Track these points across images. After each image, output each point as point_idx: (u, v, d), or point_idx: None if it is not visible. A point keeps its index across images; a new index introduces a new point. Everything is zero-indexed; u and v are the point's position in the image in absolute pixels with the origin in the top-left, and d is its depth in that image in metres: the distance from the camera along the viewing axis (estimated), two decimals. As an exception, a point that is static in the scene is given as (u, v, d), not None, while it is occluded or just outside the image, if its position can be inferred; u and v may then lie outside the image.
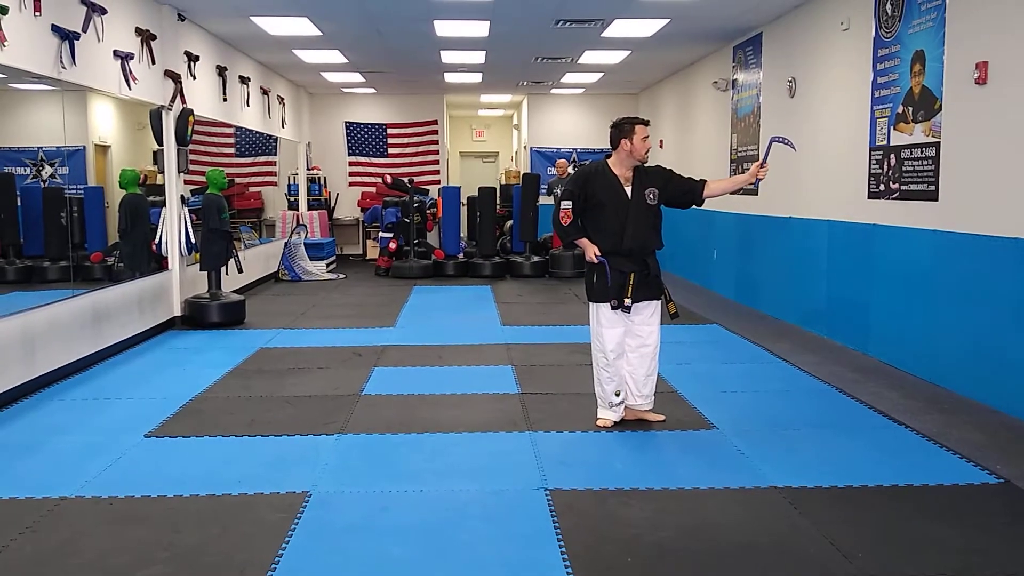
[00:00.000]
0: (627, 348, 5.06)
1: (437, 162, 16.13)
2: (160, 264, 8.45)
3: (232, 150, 13.06)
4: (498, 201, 13.32)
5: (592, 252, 4.94)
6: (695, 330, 8.33)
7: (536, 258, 13.03)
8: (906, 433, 4.98)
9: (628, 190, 4.99)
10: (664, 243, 5.07)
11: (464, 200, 14.65)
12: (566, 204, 4.97)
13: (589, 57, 11.75)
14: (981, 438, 4.84)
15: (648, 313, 5.04)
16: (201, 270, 8.69)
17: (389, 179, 13.88)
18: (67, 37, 6.26)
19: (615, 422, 5.09)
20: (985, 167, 5.58)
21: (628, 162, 5.03)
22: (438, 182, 15.82)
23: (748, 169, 5.13)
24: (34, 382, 5.91)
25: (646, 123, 5.08)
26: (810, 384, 6.17)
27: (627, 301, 4.88)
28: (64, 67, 6.26)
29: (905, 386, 6.04)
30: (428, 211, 14.34)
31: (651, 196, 5.01)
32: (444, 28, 9.70)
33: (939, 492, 4.06)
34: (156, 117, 8.16)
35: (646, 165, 5.15)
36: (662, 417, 5.19)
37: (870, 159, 7.02)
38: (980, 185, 5.65)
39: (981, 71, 5.55)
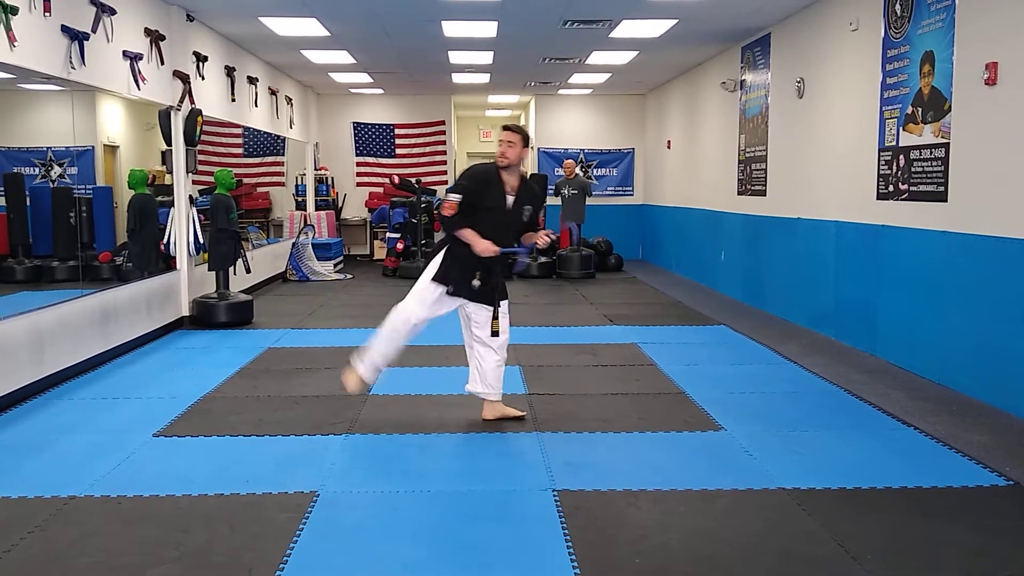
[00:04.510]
0: (474, 340, 5.14)
1: (445, 163, 16.14)
2: (168, 264, 8.48)
3: (240, 150, 13.09)
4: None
5: (484, 245, 4.87)
6: (703, 331, 8.32)
7: (543, 259, 13.03)
8: (915, 435, 4.97)
9: (510, 200, 5.02)
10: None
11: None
12: (455, 197, 4.93)
13: (597, 58, 11.74)
14: (990, 440, 4.82)
15: (484, 318, 5.07)
16: (209, 270, 8.71)
17: (396, 179, 13.88)
18: (77, 37, 6.28)
19: (359, 384, 5.16)
20: (995, 168, 5.56)
21: (517, 172, 5.05)
22: (446, 182, 15.83)
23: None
24: (43, 381, 5.93)
25: (504, 128, 5.09)
26: (818, 385, 6.15)
27: (475, 283, 4.92)
28: (73, 67, 6.28)
29: (914, 388, 6.02)
30: (435, 212, 14.34)
31: (526, 214, 5.07)
32: (452, 28, 9.71)
33: (948, 494, 4.05)
34: (165, 117, 8.18)
35: (532, 184, 5.22)
36: (522, 413, 5.25)
37: (879, 160, 6.99)
38: (990, 186, 5.62)
39: (991, 72, 5.53)
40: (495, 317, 5.04)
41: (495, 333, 5.06)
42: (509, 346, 5.27)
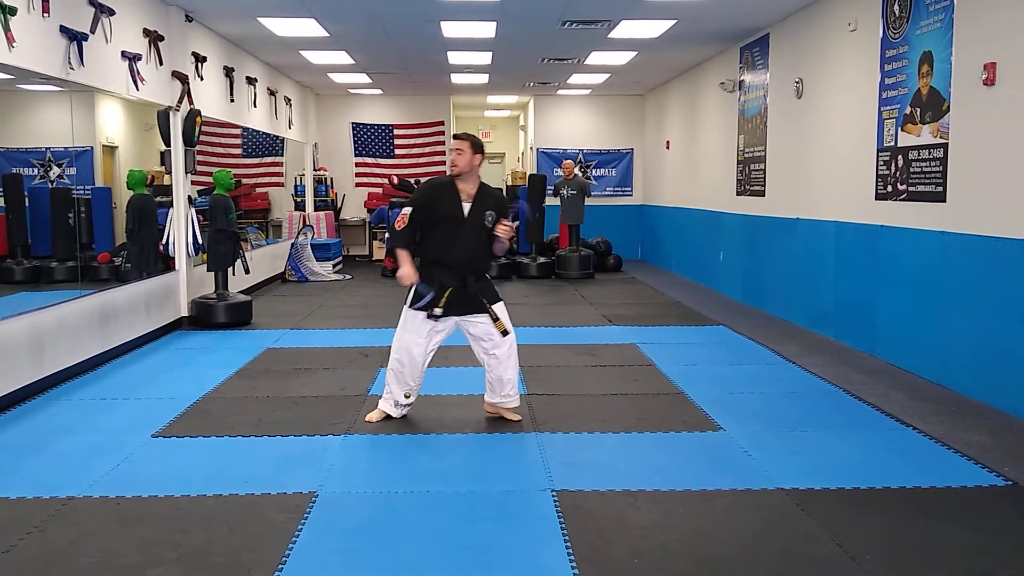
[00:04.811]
0: (481, 352, 5.15)
1: (443, 163, 16.11)
2: (167, 265, 8.47)
3: (239, 151, 13.09)
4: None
5: (405, 271, 4.95)
6: (702, 331, 8.32)
7: (542, 259, 13.03)
8: (914, 435, 4.97)
9: (466, 207, 5.03)
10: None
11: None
12: (406, 210, 5.01)
13: (596, 58, 11.74)
14: (989, 440, 4.82)
15: (483, 328, 5.07)
16: (208, 271, 8.71)
17: (395, 180, 13.88)
18: (75, 38, 6.27)
19: (383, 418, 5.22)
20: (993, 168, 5.57)
21: (473, 179, 5.08)
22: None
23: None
24: (42, 382, 5.93)
25: (454, 137, 5.16)
26: (817, 386, 6.15)
27: (437, 311, 4.95)
28: (72, 68, 6.28)
29: (913, 388, 6.03)
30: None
31: (489, 219, 5.06)
32: (451, 29, 9.71)
33: (947, 494, 4.05)
34: (164, 118, 8.18)
35: (491, 189, 5.24)
36: (518, 417, 5.23)
37: (878, 160, 7.00)
38: (988, 186, 5.63)
39: (989, 72, 5.53)
40: (495, 319, 5.04)
41: (505, 332, 5.06)
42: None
